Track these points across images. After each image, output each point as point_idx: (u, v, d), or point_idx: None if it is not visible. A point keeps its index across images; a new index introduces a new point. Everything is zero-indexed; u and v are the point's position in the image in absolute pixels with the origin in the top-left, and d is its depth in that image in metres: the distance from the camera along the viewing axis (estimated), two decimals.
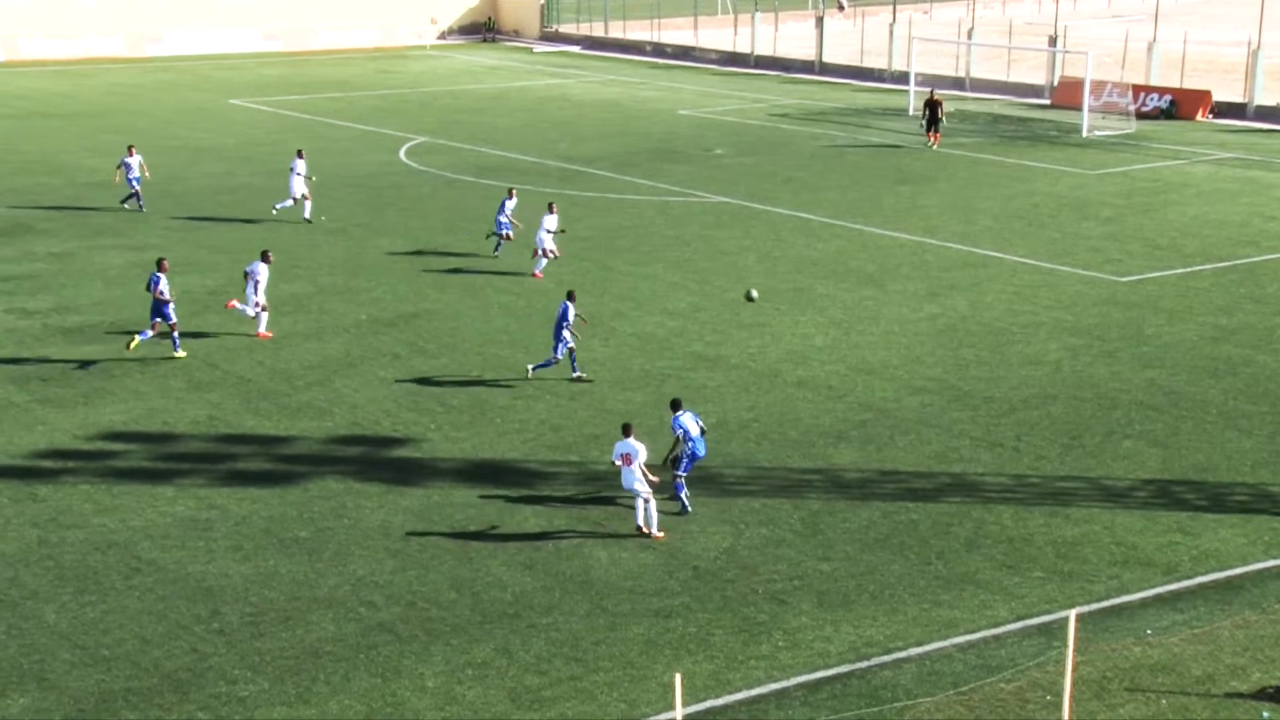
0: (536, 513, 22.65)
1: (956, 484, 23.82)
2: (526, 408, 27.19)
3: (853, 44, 78.50)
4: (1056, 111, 62.50)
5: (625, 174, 49.61)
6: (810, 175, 49.32)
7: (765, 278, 36.00)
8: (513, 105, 66.48)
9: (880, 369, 29.30)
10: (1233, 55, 69.26)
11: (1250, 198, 45.07)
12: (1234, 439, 25.51)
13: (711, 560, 21.09)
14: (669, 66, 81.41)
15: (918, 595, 20.01)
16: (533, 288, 35.29)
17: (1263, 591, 19.94)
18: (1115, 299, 34.11)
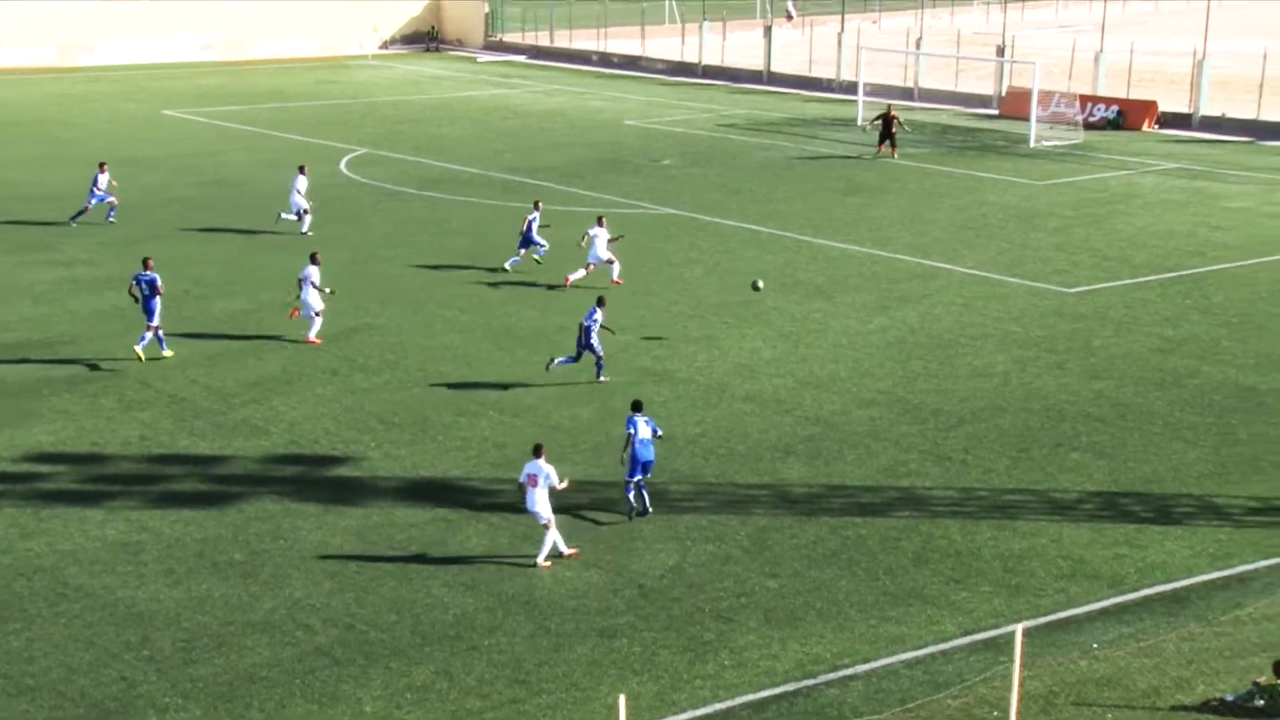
0: (479, 532, 22.57)
1: (905, 498, 23.93)
2: (469, 425, 27.10)
3: (801, 54, 78.90)
4: (1004, 122, 63.05)
5: (571, 185, 49.60)
6: (759, 186, 49.49)
7: (713, 290, 36.07)
8: (456, 116, 66.36)
9: (829, 382, 29.41)
10: (1178, 66, 70.09)
11: (1197, 208, 45.60)
12: (1180, 450, 25.77)
13: (657, 578, 21.08)
14: (615, 76, 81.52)
15: (865, 611, 20.08)
16: (479, 301, 35.22)
17: (1208, 604, 20.13)
18: (1063, 310, 34.40)
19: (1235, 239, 41.37)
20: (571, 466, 25.13)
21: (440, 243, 41.40)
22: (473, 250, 40.34)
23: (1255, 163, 53.60)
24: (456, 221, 44.15)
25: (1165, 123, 61.72)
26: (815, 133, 61.00)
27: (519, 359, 30.90)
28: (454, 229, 43.07)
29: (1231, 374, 29.74)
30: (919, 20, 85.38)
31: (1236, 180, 50.16)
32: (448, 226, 43.40)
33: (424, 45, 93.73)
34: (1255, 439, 26.25)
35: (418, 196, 47.74)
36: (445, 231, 42.80)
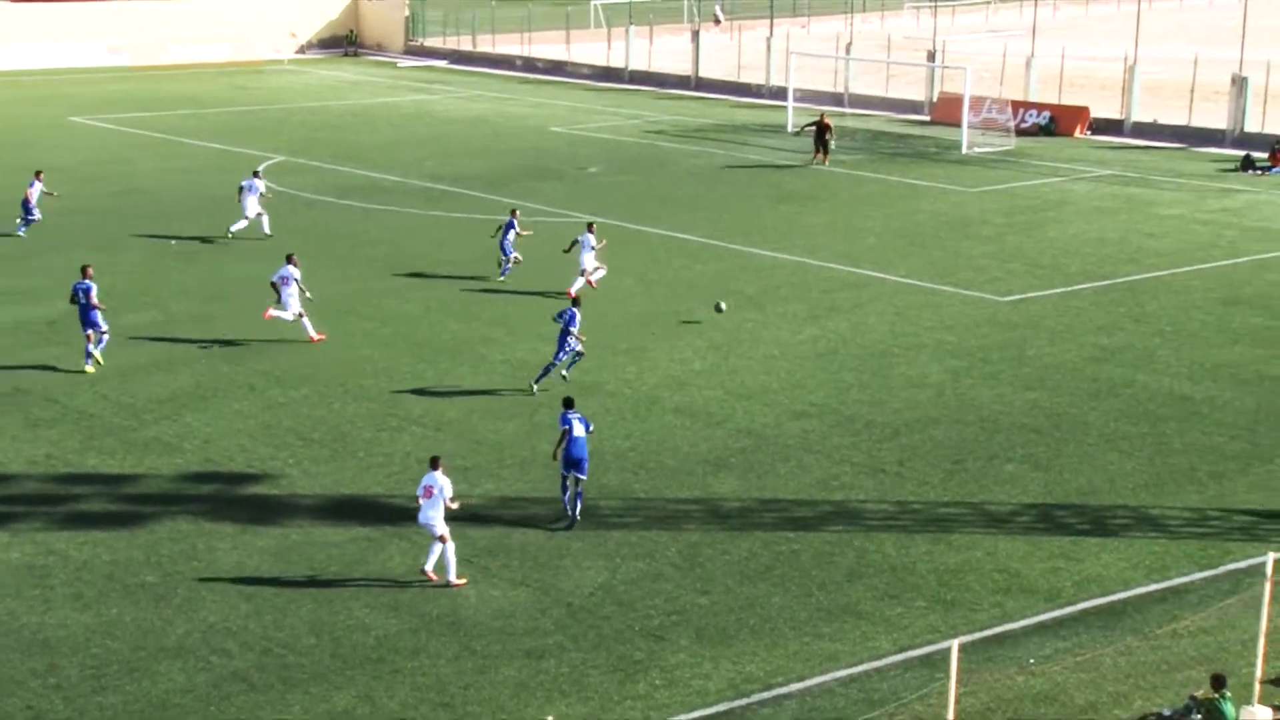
0: (402, 551, 22.42)
1: (838, 512, 24.04)
2: (391, 440, 26.93)
3: (729, 58, 79.25)
4: (936, 128, 63.62)
5: (495, 194, 49.48)
6: (688, 194, 49.61)
7: (642, 301, 36.10)
8: (376, 122, 66.05)
9: (760, 394, 29.51)
10: (1110, 71, 71.09)
11: (1129, 215, 46.23)
12: (1116, 461, 26.08)
13: (586, 596, 21.03)
14: (540, 82, 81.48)
15: (799, 628, 20.14)
16: (400, 312, 35.04)
17: (1144, 617, 20.37)
18: (997, 319, 34.74)
19: (1168, 246, 41.98)
20: (498, 482, 25.08)
21: (360, 253, 41.15)
22: (394, 260, 40.14)
23: (1187, 169, 54.45)
24: (377, 231, 43.90)
25: (1097, 129, 62.57)
26: (745, 139, 61.26)
27: (442, 371, 30.77)
28: (374, 239, 42.83)
29: (1166, 383, 30.16)
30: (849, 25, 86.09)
31: (1169, 187, 50.93)
32: (367, 236, 43.14)
33: (342, 50, 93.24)
34: (1190, 449, 26.62)
35: (336, 205, 47.44)
36: (365, 241, 42.54)
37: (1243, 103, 59.35)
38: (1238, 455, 26.29)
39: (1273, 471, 25.56)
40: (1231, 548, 22.61)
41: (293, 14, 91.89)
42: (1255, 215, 46.18)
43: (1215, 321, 34.44)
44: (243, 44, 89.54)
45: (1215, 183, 51.71)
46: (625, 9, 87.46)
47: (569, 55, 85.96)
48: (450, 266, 39.49)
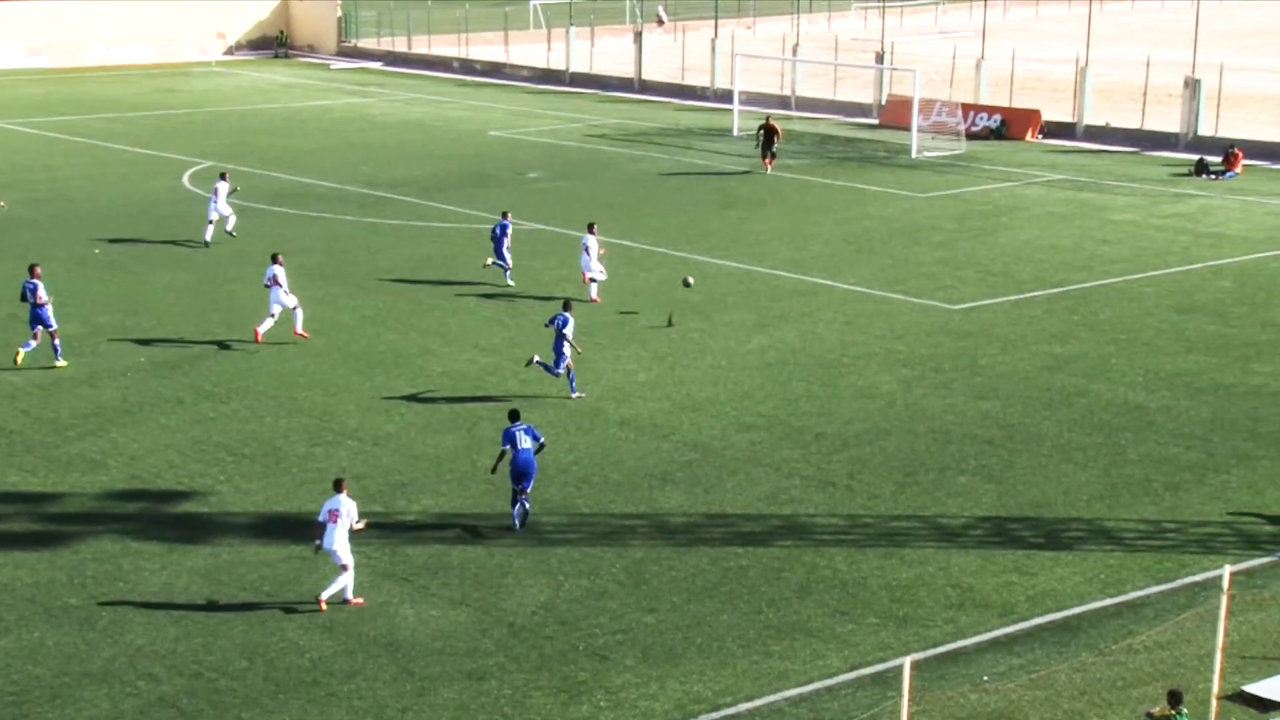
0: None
1: (787, 526, 24.12)
2: (326, 455, 26.80)
3: (673, 60, 79.46)
4: (885, 131, 64.02)
5: (433, 200, 49.39)
6: (631, 200, 49.67)
7: (585, 311, 36.10)
8: (309, 126, 65.76)
9: (707, 405, 29.56)
10: (1061, 73, 71.78)
11: (1082, 221, 46.68)
12: (1070, 472, 26.30)
13: (528, 616, 21.00)
14: (478, 84, 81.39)
15: (747, 646, 20.18)
16: (335, 323, 34.88)
17: (1100, 632, 20.54)
18: (949, 328, 34.98)
19: (1122, 253, 42.42)
20: (436, 498, 25.00)
21: (293, 261, 40.70)
22: (328, 269, 39.96)
23: (1140, 173, 55.05)
24: (310, 239, 43.70)
25: (1049, 132, 63.14)
26: (690, 143, 61.41)
27: (378, 385, 30.65)
28: (307, 247, 42.62)
29: (1120, 392, 30.45)
30: (795, 26, 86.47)
31: (1122, 192, 51.47)
32: (301, 244, 42.91)
33: (272, 51, 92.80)
34: (1145, 459, 26.89)
35: (268, 212, 47.17)
36: (298, 249, 42.28)
37: (1196, 106, 60.08)
38: (1193, 466, 26.58)
39: (1227, 482, 25.86)
40: (1187, 560, 22.85)
41: (220, 14, 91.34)
42: (1209, 221, 46.75)
43: (1170, 329, 34.82)
44: (168, 45, 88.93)
45: (1169, 187, 52.31)
46: (565, 9, 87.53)
47: (508, 57, 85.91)
48: (387, 275, 39.36)
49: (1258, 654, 19.62)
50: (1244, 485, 25.69)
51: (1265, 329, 34.83)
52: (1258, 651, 19.70)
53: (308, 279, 38.93)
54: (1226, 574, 18.25)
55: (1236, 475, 26.15)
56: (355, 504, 21.41)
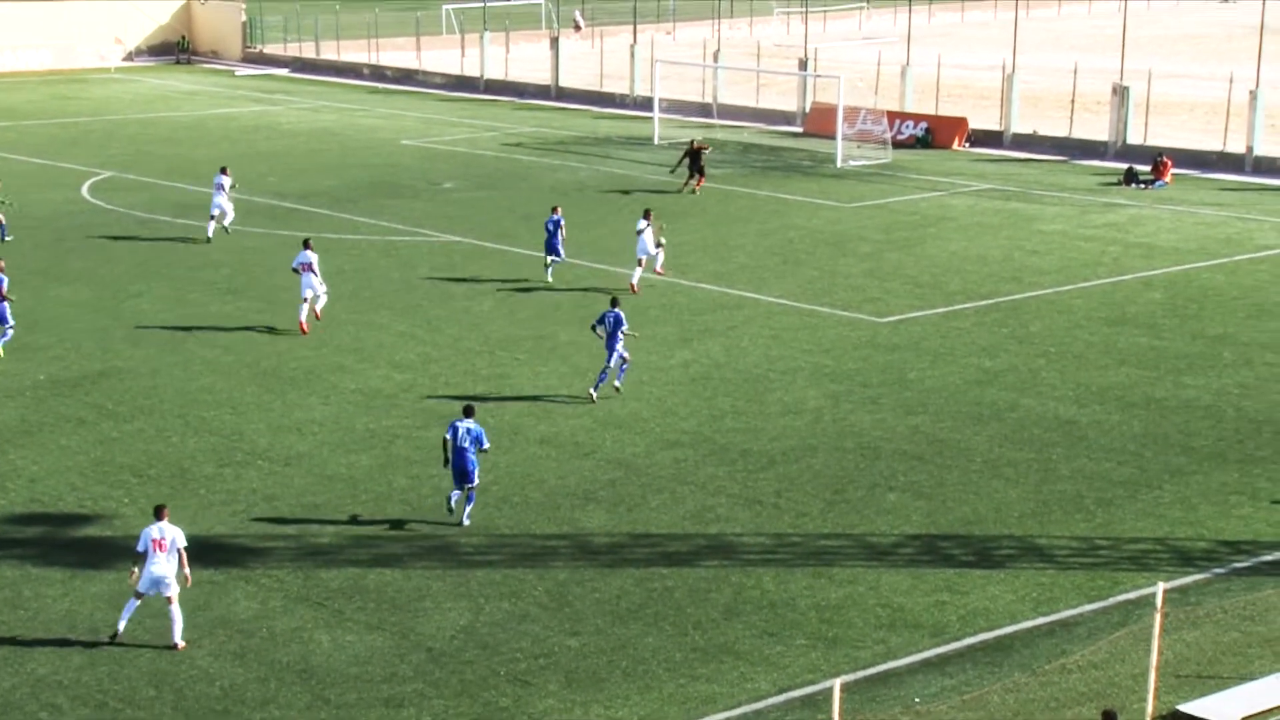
0: (248, 594, 22.18)
1: (714, 546, 24.25)
2: (235, 476, 26.64)
3: (591, 67, 79.65)
4: (810, 140, 64.52)
5: (344, 211, 49.19)
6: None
7: (504, 325, 36.13)
8: (214, 135, 65.29)
9: (630, 422, 29.66)
10: (987, 80, 72.68)
11: (1011, 231, 47.28)
12: (1000, 489, 26.64)
13: (447, 640, 20.98)
14: (390, 91, 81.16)
15: (674, 670, 20.27)
16: (244, 339, 34.67)
17: (1032, 651, 20.82)
18: (876, 341, 35.31)
19: (1051, 264, 43.01)
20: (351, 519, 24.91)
21: (199, 275, 40.65)
22: (236, 283, 39.70)
23: (1069, 182, 55.84)
24: (217, 252, 43.40)
25: (976, 140, 63.88)
26: (609, 152, 61.57)
27: (290, 402, 30.51)
28: (214, 260, 42.33)
29: (1051, 406, 30.88)
30: (716, 31, 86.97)
31: (1051, 201, 52.17)
32: (207, 257, 42.62)
33: (174, 57, 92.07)
34: (1077, 475, 27.28)
35: (172, 225, 46.80)
36: (204, 263, 42.03)
37: (1124, 113, 61.03)
38: (1125, 481, 27.01)
39: (1160, 497, 26.29)
40: (1121, 578, 23.20)
41: (119, 19, 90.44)
42: (1139, 230, 47.51)
43: (1100, 342, 35.35)
44: (65, 51, 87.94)
45: (1098, 197, 53.11)
46: (479, 14, 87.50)
47: (420, 63, 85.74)
48: (297, 290, 39.09)
49: (1192, 673, 19.96)
50: (1177, 500, 26.14)
51: (1196, 341, 35.46)
52: (1192, 670, 20.04)
53: (214, 294, 38.70)
54: (1160, 591, 18.56)
55: (1169, 490, 26.60)
56: (181, 531, 20.92)
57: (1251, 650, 20.59)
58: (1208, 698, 19.03)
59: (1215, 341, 35.41)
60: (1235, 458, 28.10)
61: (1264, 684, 19.16)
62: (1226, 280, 41.22)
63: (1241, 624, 21.32)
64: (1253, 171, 57.61)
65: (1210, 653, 20.52)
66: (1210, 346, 35.04)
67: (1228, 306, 38.49)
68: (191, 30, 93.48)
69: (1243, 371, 33.15)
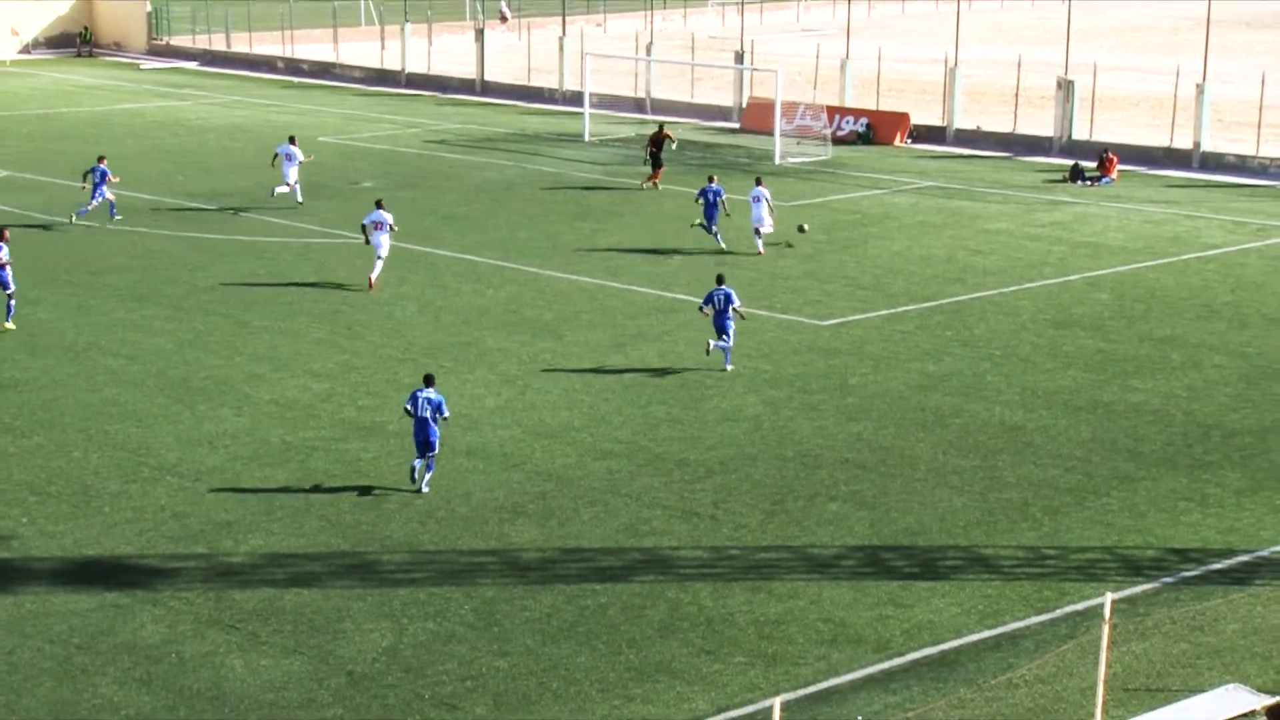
0: (156, 618, 22.01)
1: (649, 560, 24.28)
2: (142, 493, 26.43)
3: (518, 60, 79.61)
4: (747, 136, 64.75)
5: (258, 212, 48.89)
6: (476, 211, 49.65)
7: (428, 330, 36.04)
8: (118, 132, 64.74)
9: (561, 432, 29.66)
10: (929, 74, 73.21)
11: (955, 230, 47.65)
12: (945, 497, 26.83)
13: (369, 663, 20.90)
14: (306, 86, 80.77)
15: (607, 690, 20.28)
16: (151, 348, 34.41)
17: (978, 666, 20.98)
18: (817, 345, 35.48)
19: (996, 264, 43.38)
20: (267, 537, 24.79)
21: (103, 280, 40.29)
22: (143, 289, 39.39)
23: (1014, 180, 56.33)
24: (122, 256, 43.05)
25: (918, 136, 64.32)
26: (538, 149, 61.55)
27: (201, 414, 30.30)
28: (119, 265, 41.98)
29: (997, 412, 31.14)
30: (649, 23, 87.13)
31: (995, 199, 52.62)
32: (111, 262, 42.26)
33: (75, 50, 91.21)
34: (1023, 482, 27.53)
35: (75, 226, 46.34)
36: (108, 268, 41.67)
37: (1069, 108, 61.66)
38: (1073, 489, 27.27)
39: (1108, 504, 26.58)
40: (1068, 588, 23.43)
41: (13, 9, 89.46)
42: (1086, 229, 48.00)
43: (1047, 345, 35.69)
44: None
45: (1043, 194, 53.61)
46: (400, 6, 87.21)
47: (338, 56, 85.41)
48: (208, 295, 38.89)
49: (1141, 685, 20.19)
50: (1125, 508, 26.43)
51: (1144, 343, 35.87)
52: (1141, 683, 20.26)
53: (118, 300, 38.40)
54: (1108, 602, 18.76)
55: (1117, 497, 26.89)
56: None
57: (1201, 661, 20.85)
58: (1157, 711, 19.23)
59: (1163, 343, 35.84)
60: (1184, 463, 28.45)
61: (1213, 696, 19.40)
62: (1174, 280, 41.72)
63: (1191, 634, 21.59)
64: (1200, 168, 58.36)
65: (1159, 665, 20.76)
66: (1158, 349, 35.46)
67: (1176, 307, 38.97)
68: (93, 21, 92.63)
69: (1191, 374, 33.57)
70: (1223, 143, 60.76)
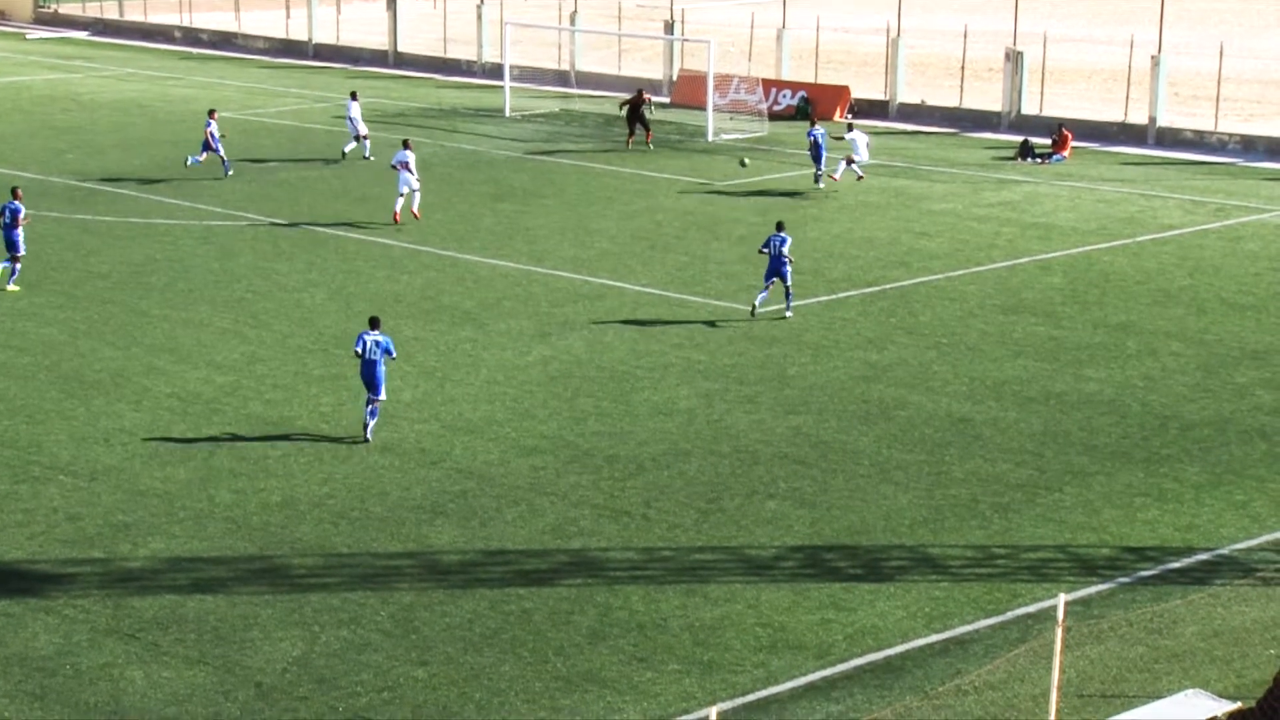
0: (50, 627, 21.86)
1: (577, 563, 24.34)
2: (33, 494, 26.23)
3: (434, 30, 79.36)
4: (677, 111, 64.79)
5: (155, 193, 48.54)
6: (389, 191, 49.44)
7: (339, 319, 35.91)
8: (3, 106, 64.09)
9: (483, 426, 29.66)
10: (871, 45, 73.56)
11: (898, 211, 47.95)
12: (890, 494, 27.03)
13: (279, 674, 20.85)
14: (206, 57, 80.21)
15: (533, 701, 20.32)
16: (41, 339, 34.11)
17: (925, 672, 21.16)
18: (753, 334, 35.62)
19: (942, 246, 43.69)
20: (168, 540, 24.67)
21: None
22: (31, 275, 39.02)
23: (960, 157, 56.72)
24: None
25: (859, 111, 64.56)
26: (455, 125, 61.41)
27: (95, 410, 30.08)
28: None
29: (944, 403, 31.38)
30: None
31: (941, 178, 52.98)
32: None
33: None
34: (971, 477, 27.76)
35: None
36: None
37: (1019, 81, 62.09)
38: (1024, 484, 27.53)
39: (1061, 500, 26.85)
40: (1020, 589, 23.66)
41: None
42: (1036, 210, 48.42)
43: (996, 332, 35.99)
44: None
45: (991, 173, 54.01)
46: None
47: (240, 26, 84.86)
48: (103, 282, 38.59)
49: (1096, 691, 20.41)
50: (1078, 504, 26.70)
51: (1098, 330, 36.24)
52: (1096, 689, 20.48)
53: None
54: (1061, 603, 18.94)
55: (1070, 493, 27.17)
56: None
57: (1159, 666, 21.09)
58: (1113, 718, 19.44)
59: (1118, 330, 36.22)
60: (1140, 457, 28.78)
61: (1172, 702, 19.62)
62: (1129, 263, 42.17)
63: (1148, 637, 21.85)
64: (1155, 144, 58.99)
65: (1115, 669, 20.99)
66: (1113, 336, 35.84)
67: (1131, 292, 39.39)
68: None
69: (1147, 362, 33.96)
70: (1179, 117, 61.43)
